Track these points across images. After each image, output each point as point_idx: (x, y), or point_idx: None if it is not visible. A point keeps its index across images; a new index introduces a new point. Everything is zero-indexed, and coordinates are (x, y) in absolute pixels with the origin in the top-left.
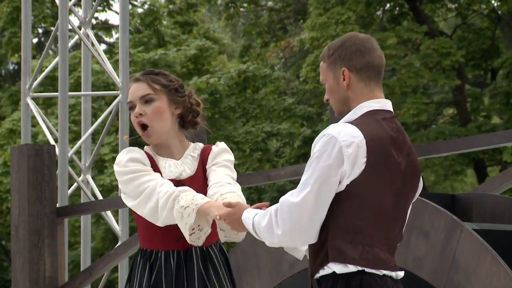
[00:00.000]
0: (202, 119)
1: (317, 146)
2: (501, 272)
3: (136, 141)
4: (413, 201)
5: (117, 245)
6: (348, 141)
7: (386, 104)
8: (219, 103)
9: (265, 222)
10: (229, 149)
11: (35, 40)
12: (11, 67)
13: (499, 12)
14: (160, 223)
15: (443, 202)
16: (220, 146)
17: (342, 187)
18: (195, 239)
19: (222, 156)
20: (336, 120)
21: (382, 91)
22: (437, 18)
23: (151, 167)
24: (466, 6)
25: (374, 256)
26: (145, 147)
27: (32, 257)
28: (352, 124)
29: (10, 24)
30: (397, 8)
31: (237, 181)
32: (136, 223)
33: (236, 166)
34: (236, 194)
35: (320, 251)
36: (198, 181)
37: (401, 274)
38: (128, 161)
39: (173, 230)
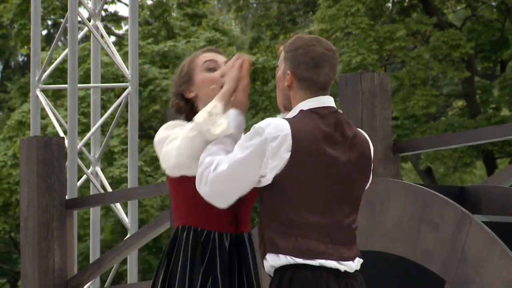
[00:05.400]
0: None
1: (248, 133)
2: (511, 265)
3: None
4: (366, 187)
5: (126, 237)
6: (273, 134)
7: (325, 101)
8: None
9: (200, 169)
10: None
11: (44, 32)
12: (20, 59)
13: (509, 4)
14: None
15: (452, 194)
16: None
17: (268, 179)
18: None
19: None
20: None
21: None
22: (446, 10)
23: None
24: None
25: (308, 247)
26: None
27: (41, 249)
28: (285, 119)
29: (19, 16)
30: (407, 0)
31: None
32: (176, 198)
33: None
34: None
35: (261, 243)
36: None
37: (352, 264)
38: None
39: (225, 211)
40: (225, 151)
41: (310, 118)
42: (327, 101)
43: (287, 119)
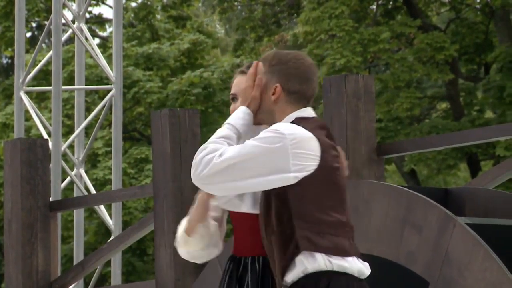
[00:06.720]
0: (195, 113)
1: (264, 133)
2: (494, 266)
3: None
4: None
5: (110, 239)
6: (295, 136)
7: (311, 112)
8: (212, 97)
9: (202, 153)
10: None
11: (28, 34)
12: (4, 61)
13: (493, 6)
14: None
15: (436, 196)
16: None
17: (293, 180)
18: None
19: None
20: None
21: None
22: (430, 12)
23: None
24: (459, 0)
25: (342, 245)
26: None
27: (25, 251)
28: (299, 126)
29: (3, 18)
30: (391, 2)
31: None
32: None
33: None
34: None
35: (289, 243)
36: None
37: (366, 264)
38: None
39: (260, 236)
40: (229, 144)
41: (313, 124)
42: (312, 112)
43: (300, 125)
